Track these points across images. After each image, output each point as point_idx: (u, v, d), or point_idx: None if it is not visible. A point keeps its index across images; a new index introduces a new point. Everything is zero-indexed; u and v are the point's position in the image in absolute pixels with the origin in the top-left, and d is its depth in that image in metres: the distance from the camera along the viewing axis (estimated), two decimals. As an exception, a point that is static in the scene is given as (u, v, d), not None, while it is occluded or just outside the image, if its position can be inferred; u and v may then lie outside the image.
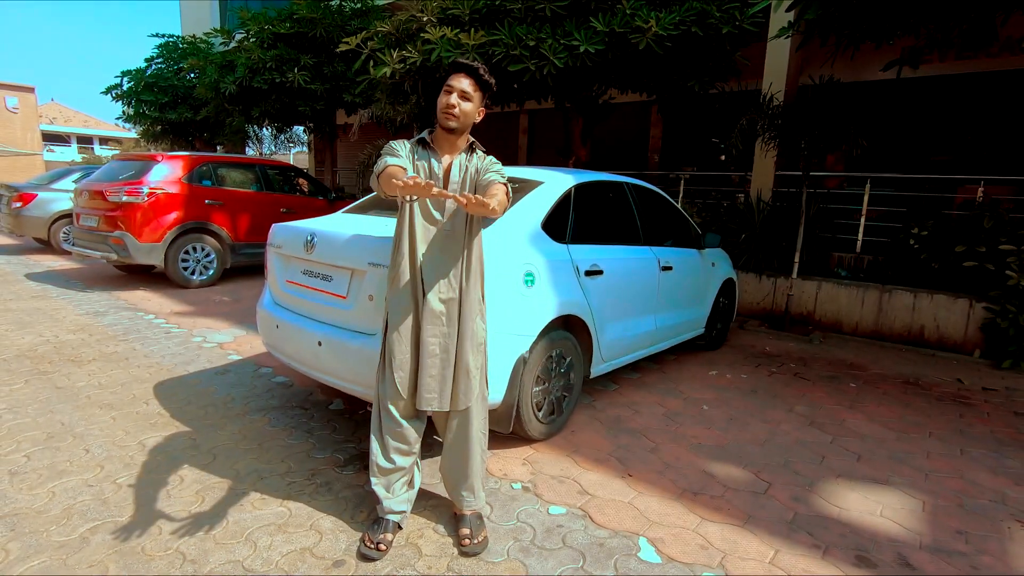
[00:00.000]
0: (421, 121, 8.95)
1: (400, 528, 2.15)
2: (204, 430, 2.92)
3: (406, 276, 2.04)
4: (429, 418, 2.22)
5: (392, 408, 2.09)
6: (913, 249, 5.44)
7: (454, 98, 1.99)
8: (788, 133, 5.51)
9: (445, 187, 2.05)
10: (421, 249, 2.03)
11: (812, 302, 5.86)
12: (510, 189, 2.05)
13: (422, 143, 2.08)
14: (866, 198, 6.05)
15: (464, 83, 2.00)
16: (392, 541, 2.07)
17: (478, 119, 2.08)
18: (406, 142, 2.09)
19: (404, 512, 2.15)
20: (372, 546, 2.02)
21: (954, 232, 5.26)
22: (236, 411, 3.17)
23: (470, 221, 2.07)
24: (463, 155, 2.08)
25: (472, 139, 2.13)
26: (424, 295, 2.03)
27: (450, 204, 2.03)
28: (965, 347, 5.09)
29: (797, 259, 5.67)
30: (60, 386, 3.43)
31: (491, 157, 2.15)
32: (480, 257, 2.12)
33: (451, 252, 2.04)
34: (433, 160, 2.05)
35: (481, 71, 2.02)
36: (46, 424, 2.91)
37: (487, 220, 2.31)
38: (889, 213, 6.34)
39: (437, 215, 2.04)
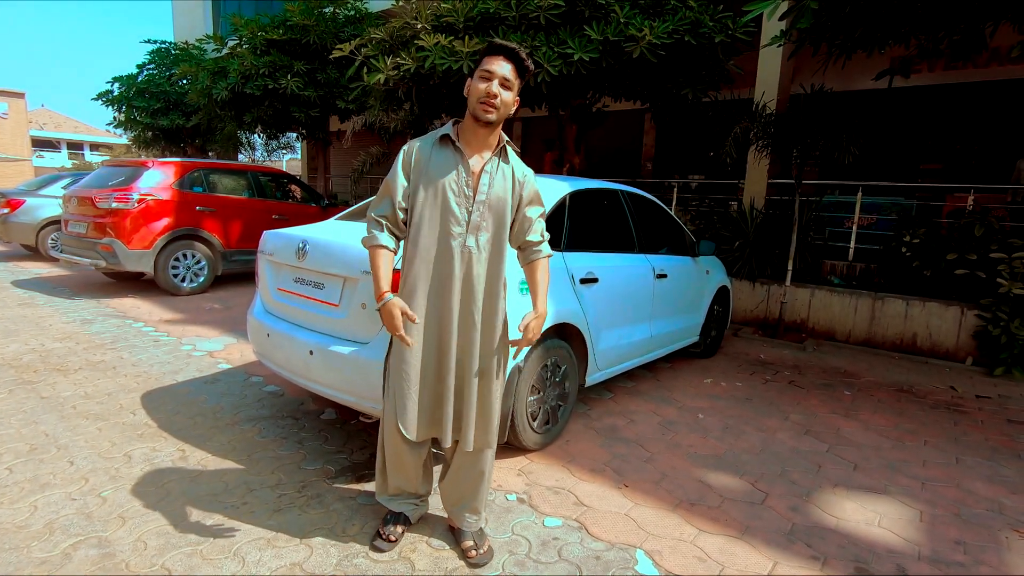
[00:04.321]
0: (415, 128, 8.94)
1: (411, 523, 2.17)
2: (192, 441, 2.86)
3: (416, 291, 1.85)
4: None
5: (401, 431, 1.97)
6: (905, 257, 5.46)
7: (495, 86, 1.74)
8: (781, 141, 5.54)
9: (473, 198, 1.81)
10: (437, 264, 1.83)
11: (806, 310, 5.88)
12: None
13: (445, 139, 1.84)
14: (858, 206, 6.09)
15: (506, 69, 1.76)
16: (402, 533, 2.11)
17: (512, 110, 1.84)
18: (419, 146, 1.85)
19: (415, 511, 2.17)
20: (383, 536, 2.07)
21: (945, 240, 5.29)
22: (226, 421, 3.11)
23: (496, 242, 1.86)
24: (494, 160, 1.85)
25: (506, 137, 1.89)
26: (442, 322, 1.86)
27: (477, 218, 1.82)
28: (957, 355, 5.11)
29: (790, 266, 5.69)
30: (45, 396, 3.36)
31: (530, 175, 1.93)
32: (504, 279, 1.91)
33: (471, 274, 1.84)
34: (460, 165, 1.81)
35: (522, 55, 1.78)
36: (30, 435, 2.85)
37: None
38: (880, 221, 6.38)
39: (459, 229, 1.81)
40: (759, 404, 3.77)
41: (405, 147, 1.88)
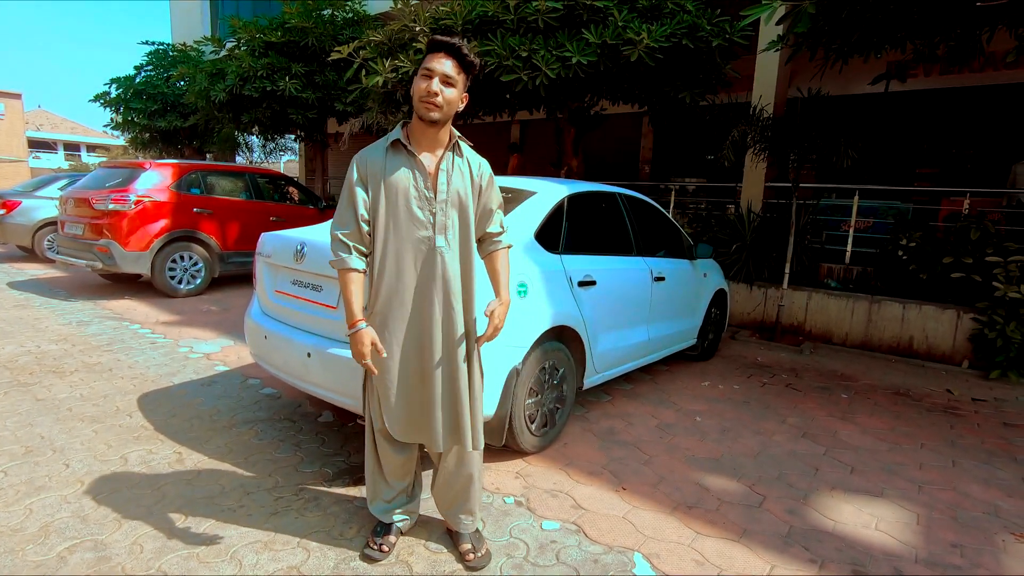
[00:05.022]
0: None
1: (402, 533, 2.14)
2: (189, 443, 2.85)
3: (391, 300, 1.83)
4: None
5: (384, 438, 1.99)
6: (901, 260, 5.48)
7: (436, 84, 1.71)
8: (778, 145, 5.56)
9: (434, 198, 1.80)
10: (409, 269, 1.81)
11: (803, 313, 5.89)
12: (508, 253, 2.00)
13: (397, 144, 1.81)
14: (855, 209, 6.12)
15: (446, 65, 1.72)
16: (395, 543, 2.08)
17: (462, 106, 1.82)
18: (371, 155, 1.82)
19: (407, 520, 2.15)
20: (375, 547, 2.04)
21: (941, 244, 5.32)
22: (222, 424, 3.10)
23: (464, 238, 1.86)
24: (449, 156, 1.83)
25: (457, 133, 1.87)
26: (423, 326, 1.84)
27: (441, 218, 1.81)
28: (953, 358, 5.13)
29: (787, 269, 5.70)
30: (40, 398, 3.34)
31: (485, 165, 1.93)
32: (474, 275, 1.91)
33: (443, 274, 1.82)
34: (415, 169, 1.79)
35: (464, 50, 1.74)
36: (25, 437, 2.83)
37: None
38: (877, 224, 6.40)
39: (426, 232, 1.80)
40: (756, 407, 3.78)
41: (356, 159, 1.83)
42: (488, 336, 1.90)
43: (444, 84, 1.73)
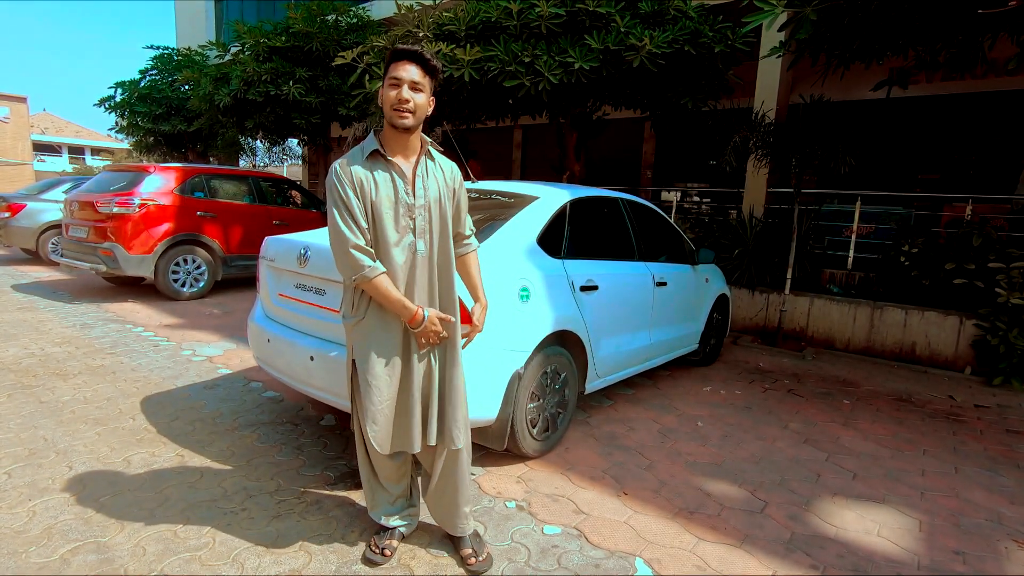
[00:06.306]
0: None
1: (404, 537, 2.15)
2: (192, 446, 2.86)
3: (390, 314, 1.85)
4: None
5: (375, 443, 1.97)
6: (904, 266, 5.48)
7: (405, 91, 1.75)
8: (780, 150, 5.57)
9: (414, 204, 1.84)
10: (395, 275, 1.82)
11: (804, 318, 5.89)
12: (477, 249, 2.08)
13: (375, 154, 1.82)
14: (857, 215, 6.12)
15: (412, 72, 1.76)
16: (397, 548, 2.09)
17: (430, 111, 1.86)
18: (354, 165, 1.80)
19: (408, 524, 2.16)
20: (377, 551, 2.04)
21: (944, 250, 5.31)
22: (225, 427, 3.11)
23: (443, 240, 1.90)
24: (423, 162, 1.88)
25: (428, 139, 1.91)
26: (398, 326, 1.86)
27: (421, 223, 1.85)
28: (956, 364, 5.12)
29: (789, 275, 5.70)
30: (44, 400, 3.36)
31: (456, 169, 1.97)
32: (454, 276, 1.95)
33: (427, 277, 1.87)
34: (395, 176, 1.82)
35: (427, 55, 1.78)
36: (28, 440, 2.84)
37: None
38: (879, 230, 6.41)
39: (409, 237, 1.84)
40: (758, 412, 3.77)
41: (340, 170, 1.80)
42: (472, 335, 2.03)
43: (412, 90, 1.77)
